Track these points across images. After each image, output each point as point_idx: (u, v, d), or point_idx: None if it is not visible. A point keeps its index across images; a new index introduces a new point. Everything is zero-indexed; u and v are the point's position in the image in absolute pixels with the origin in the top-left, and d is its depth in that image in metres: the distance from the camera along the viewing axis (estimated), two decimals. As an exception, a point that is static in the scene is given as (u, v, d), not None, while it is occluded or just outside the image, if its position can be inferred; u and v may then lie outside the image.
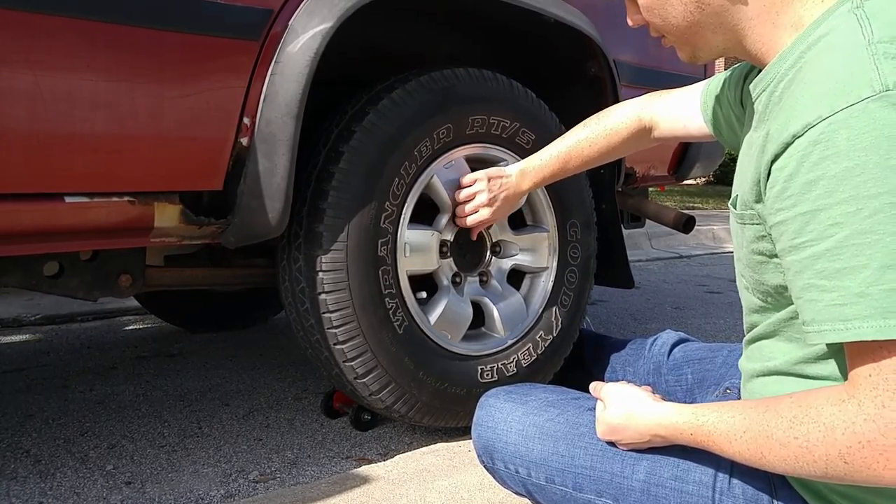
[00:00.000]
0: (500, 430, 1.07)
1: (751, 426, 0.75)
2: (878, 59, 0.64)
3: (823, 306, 0.66)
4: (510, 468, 1.06)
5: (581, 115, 1.92)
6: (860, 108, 0.62)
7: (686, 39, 0.85)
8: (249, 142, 1.26)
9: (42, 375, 2.10)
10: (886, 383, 0.64)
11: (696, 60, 0.87)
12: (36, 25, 1.02)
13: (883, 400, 0.64)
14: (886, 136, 0.61)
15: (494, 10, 1.61)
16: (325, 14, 1.29)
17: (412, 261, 1.49)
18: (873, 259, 0.62)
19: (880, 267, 0.62)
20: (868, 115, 0.62)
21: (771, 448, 0.72)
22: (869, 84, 0.63)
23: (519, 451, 1.04)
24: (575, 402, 1.07)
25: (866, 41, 0.66)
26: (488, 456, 1.09)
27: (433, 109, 1.48)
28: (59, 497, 1.36)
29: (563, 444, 1.00)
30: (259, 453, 1.57)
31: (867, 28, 0.67)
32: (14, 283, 1.41)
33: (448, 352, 1.54)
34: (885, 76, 0.63)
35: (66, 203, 1.11)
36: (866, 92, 0.63)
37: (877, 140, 0.61)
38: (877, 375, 0.65)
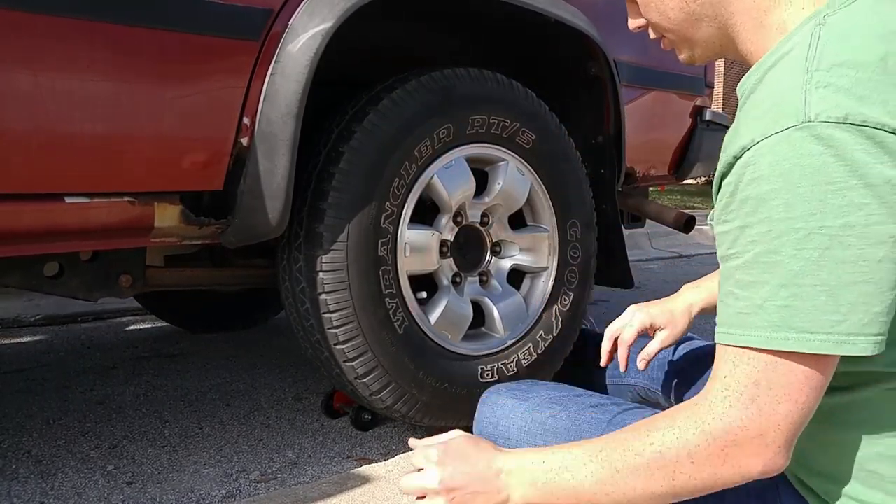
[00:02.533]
0: (501, 427, 1.07)
1: (608, 443, 0.76)
2: (810, 88, 0.67)
3: (732, 312, 0.70)
4: None
5: (581, 115, 1.93)
6: (784, 136, 0.66)
7: (683, 34, 0.85)
8: (250, 142, 1.26)
9: (43, 376, 2.10)
10: (737, 385, 0.68)
11: (695, 60, 0.88)
12: (36, 25, 1.02)
13: (731, 400, 0.68)
14: (800, 165, 0.64)
15: (495, 11, 1.61)
16: (325, 14, 1.29)
17: (412, 261, 1.49)
18: (774, 277, 0.66)
19: (777, 285, 0.66)
20: (788, 144, 0.65)
21: (626, 460, 0.73)
22: (794, 114, 0.66)
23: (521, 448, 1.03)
24: (577, 399, 1.07)
25: (806, 68, 0.68)
26: None
27: (433, 109, 1.48)
28: (60, 497, 1.36)
29: (564, 440, 0.99)
30: (260, 453, 1.57)
31: (813, 51, 0.69)
32: (14, 284, 1.41)
33: (448, 352, 1.54)
34: (810, 106, 0.65)
35: (66, 203, 1.11)
36: (791, 121, 0.66)
37: (792, 168, 0.65)
38: (730, 377, 0.69)
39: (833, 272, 0.64)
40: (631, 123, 1.94)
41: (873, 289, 0.64)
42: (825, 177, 0.63)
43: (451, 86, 1.51)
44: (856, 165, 0.63)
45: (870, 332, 0.64)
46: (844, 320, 0.64)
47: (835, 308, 0.64)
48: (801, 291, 0.65)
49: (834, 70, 0.67)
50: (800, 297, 0.65)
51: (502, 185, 1.60)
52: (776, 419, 0.68)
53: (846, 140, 0.63)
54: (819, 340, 0.65)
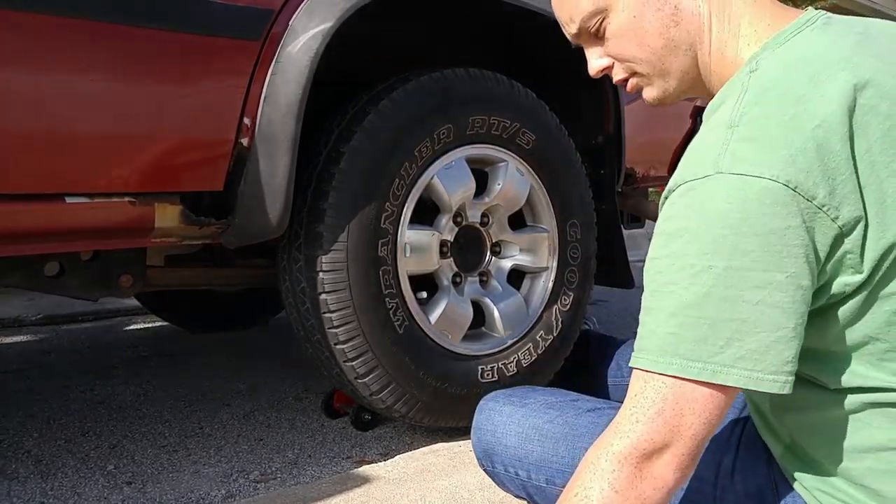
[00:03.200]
0: (499, 433, 1.07)
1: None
2: (728, 142, 0.71)
3: (638, 336, 0.75)
4: (510, 471, 1.06)
5: (582, 115, 1.93)
6: (698, 182, 0.71)
7: (660, 66, 0.85)
8: (250, 142, 1.26)
9: (43, 376, 2.10)
10: (645, 402, 0.71)
11: (666, 97, 0.88)
12: (36, 26, 1.02)
13: (638, 415, 0.71)
14: (704, 210, 0.70)
15: (495, 11, 1.61)
16: (325, 14, 1.29)
17: (412, 261, 1.49)
18: (667, 306, 0.71)
19: (669, 313, 0.71)
20: (700, 190, 0.71)
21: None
22: (711, 164, 0.71)
23: (518, 454, 1.04)
24: (573, 404, 1.07)
25: (729, 123, 0.73)
26: (488, 459, 1.09)
27: (433, 110, 1.48)
28: (60, 497, 1.36)
29: (562, 445, 1.00)
30: (260, 453, 1.57)
31: (738, 106, 0.74)
32: (15, 284, 1.41)
33: (448, 352, 1.54)
34: (723, 158, 0.71)
35: (66, 203, 1.11)
36: (708, 170, 0.71)
37: (698, 211, 0.70)
38: (640, 395, 0.72)
39: (715, 308, 0.68)
40: (631, 124, 1.94)
41: (748, 328, 0.68)
42: (721, 222, 0.69)
43: (451, 86, 1.51)
44: (747, 215, 0.68)
45: (744, 367, 0.68)
46: (721, 352, 0.68)
47: (714, 340, 0.68)
48: (686, 321, 0.70)
49: (749, 125, 0.72)
50: (685, 326, 0.70)
51: (502, 185, 1.60)
52: (681, 430, 0.70)
53: (746, 191, 0.68)
54: (697, 368, 0.69)
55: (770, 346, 0.68)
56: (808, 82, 0.71)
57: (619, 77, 0.89)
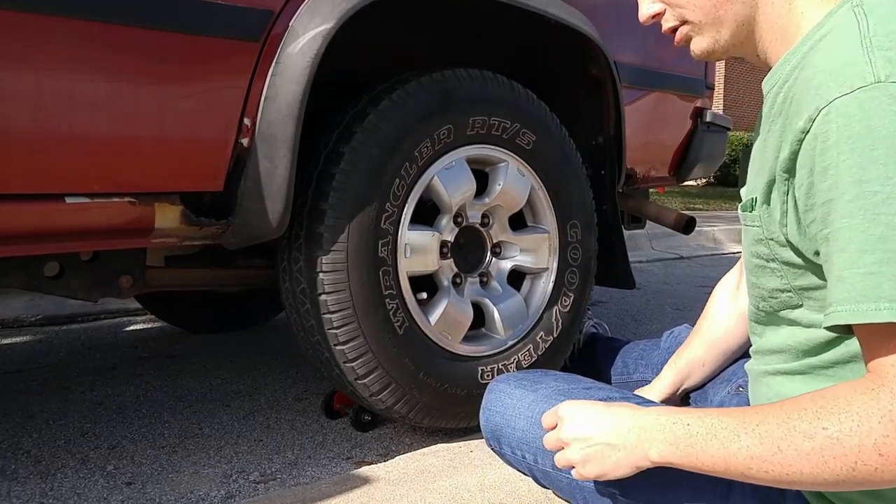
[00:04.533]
0: (508, 416, 1.07)
1: (766, 418, 0.70)
2: (873, 52, 0.65)
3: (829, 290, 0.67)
4: (517, 453, 1.06)
5: (582, 116, 1.93)
6: (851, 97, 0.64)
7: (715, 14, 0.82)
8: (250, 143, 1.26)
9: (42, 376, 2.10)
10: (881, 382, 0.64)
11: (716, 49, 0.84)
12: (36, 26, 1.02)
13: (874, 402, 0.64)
14: (872, 127, 0.63)
15: (496, 12, 1.61)
16: (325, 15, 1.29)
17: (413, 262, 1.49)
18: (855, 243, 0.64)
19: (858, 251, 0.63)
20: (858, 106, 0.64)
21: (792, 440, 0.67)
22: (861, 76, 0.64)
23: (527, 438, 1.03)
24: (585, 392, 1.05)
25: (861, 35, 0.67)
26: (495, 440, 1.09)
27: (433, 110, 1.48)
28: (59, 498, 1.36)
29: None
30: (260, 454, 1.56)
31: (864, 23, 0.68)
32: (15, 284, 1.41)
33: (449, 353, 1.54)
34: (878, 68, 0.64)
35: (66, 204, 1.11)
36: (858, 82, 0.64)
37: (864, 130, 0.63)
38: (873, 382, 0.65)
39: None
40: (631, 124, 1.94)
41: None
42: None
43: (451, 87, 1.51)
44: None
45: None
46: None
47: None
48: (886, 257, 0.62)
49: (892, 37, 0.65)
50: (885, 262, 0.62)
51: (503, 186, 1.60)
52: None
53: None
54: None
55: None
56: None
57: (669, 25, 0.86)
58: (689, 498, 0.88)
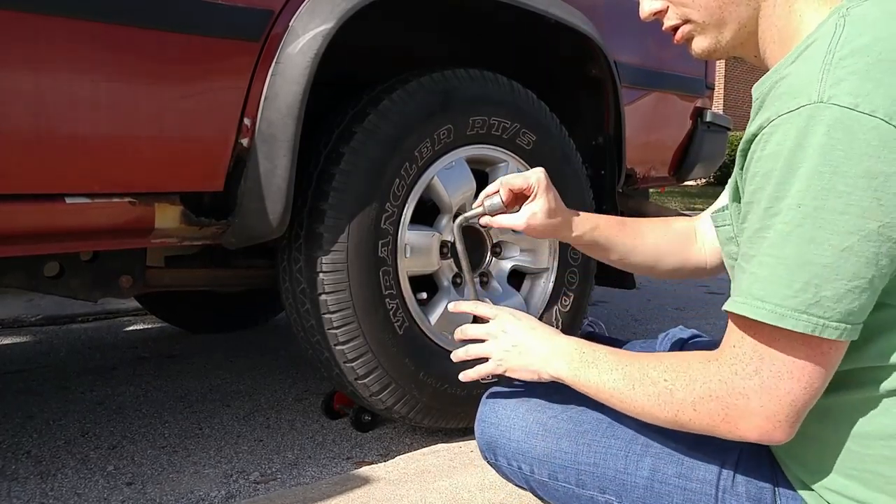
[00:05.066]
0: (503, 427, 1.07)
1: (634, 362, 0.86)
2: (828, 71, 0.67)
3: (736, 283, 0.75)
4: (513, 465, 1.06)
5: (582, 116, 1.93)
6: (794, 114, 0.67)
7: (718, 14, 0.83)
8: (250, 143, 1.26)
9: (43, 376, 2.10)
10: (744, 356, 0.74)
11: (717, 48, 0.85)
12: (37, 26, 1.02)
13: (736, 369, 0.75)
14: (801, 144, 0.66)
15: (496, 12, 1.61)
16: (325, 15, 1.29)
17: (413, 262, 1.49)
18: (756, 248, 0.71)
19: (751, 255, 0.71)
20: (796, 122, 0.66)
21: (643, 382, 0.83)
22: (808, 94, 0.66)
23: (522, 448, 1.04)
24: (578, 399, 1.06)
25: (827, 52, 0.69)
26: (491, 452, 1.09)
27: (433, 110, 1.48)
28: (59, 498, 1.36)
29: (566, 441, 1.00)
30: (260, 454, 1.57)
31: (836, 38, 0.70)
32: (15, 284, 1.41)
33: (448, 352, 1.53)
34: (825, 88, 0.66)
35: (66, 204, 1.11)
36: (804, 101, 0.67)
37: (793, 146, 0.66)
38: (738, 347, 0.75)
39: (796, 249, 0.66)
40: (631, 124, 1.94)
41: (829, 274, 0.66)
42: (820, 157, 0.65)
43: (451, 87, 1.51)
44: (851, 153, 0.64)
45: (814, 313, 0.67)
46: (794, 297, 0.67)
47: (788, 283, 0.67)
48: (765, 261, 0.69)
49: (853, 55, 0.67)
50: (764, 266, 0.69)
51: (503, 186, 1.60)
52: (778, 395, 0.72)
53: (852, 127, 0.64)
54: (766, 310, 0.69)
55: (843, 295, 0.66)
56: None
57: (671, 23, 0.87)
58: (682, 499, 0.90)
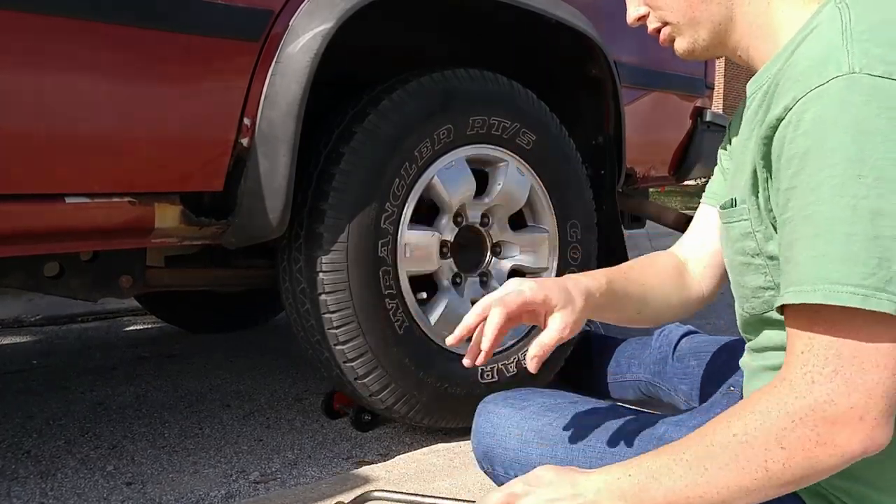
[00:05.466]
0: (498, 436, 1.07)
1: (691, 443, 0.73)
2: (851, 44, 0.65)
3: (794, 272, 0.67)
4: (510, 473, 1.06)
5: (582, 115, 1.93)
6: (826, 87, 0.65)
7: (691, 14, 0.83)
8: (250, 143, 1.26)
9: (42, 376, 2.10)
10: (817, 359, 0.65)
11: (695, 48, 0.86)
12: (37, 26, 1.02)
13: (812, 377, 0.65)
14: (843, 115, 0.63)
15: (496, 12, 1.61)
16: (325, 15, 1.29)
17: (413, 261, 1.49)
18: (810, 227, 0.64)
19: (812, 234, 0.64)
20: (831, 95, 0.64)
21: (713, 457, 0.69)
22: (837, 66, 0.65)
23: (518, 457, 1.04)
24: (573, 406, 1.07)
25: (843, 27, 0.67)
26: (488, 462, 1.09)
27: (433, 110, 1.48)
28: (59, 498, 1.36)
29: (560, 448, 1.00)
30: (260, 454, 1.57)
31: (846, 15, 0.69)
32: (15, 284, 1.41)
33: (448, 352, 1.54)
34: (854, 59, 0.65)
35: (66, 203, 1.11)
36: (834, 73, 0.65)
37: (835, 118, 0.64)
38: (808, 352, 0.66)
39: (868, 223, 0.62)
40: (631, 124, 1.94)
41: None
42: (867, 126, 0.62)
43: (451, 87, 1.51)
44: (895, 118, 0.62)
45: (893, 291, 0.61)
46: (874, 274, 0.61)
47: (865, 259, 0.62)
48: (834, 239, 0.63)
49: (872, 29, 0.67)
50: (833, 244, 0.63)
51: (502, 185, 1.60)
52: (867, 388, 0.63)
53: (891, 92, 0.63)
54: (848, 293, 0.62)
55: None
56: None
57: (653, 27, 0.88)
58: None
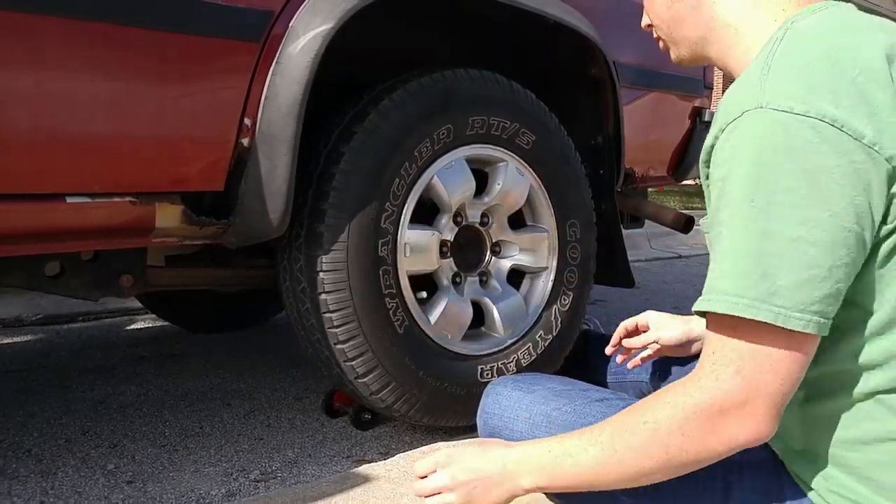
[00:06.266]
0: (507, 418, 1.07)
1: (606, 427, 0.80)
2: (765, 79, 0.72)
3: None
4: None
5: (581, 115, 1.93)
6: (740, 120, 0.72)
7: (669, 33, 0.93)
8: (251, 142, 1.27)
9: (43, 375, 2.10)
10: (724, 359, 0.73)
11: (681, 60, 0.94)
12: (38, 26, 1.03)
13: (717, 374, 0.73)
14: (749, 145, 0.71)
15: (495, 12, 1.61)
16: (325, 15, 1.29)
17: (412, 261, 1.49)
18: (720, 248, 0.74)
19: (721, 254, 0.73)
20: (742, 127, 0.71)
21: (623, 439, 0.77)
22: (751, 100, 0.71)
23: (526, 439, 1.04)
24: (583, 394, 1.06)
25: (765, 63, 0.74)
26: None
27: (433, 110, 1.48)
28: (60, 496, 1.37)
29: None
30: (260, 453, 1.57)
31: (775, 48, 0.75)
32: (15, 283, 1.41)
33: (448, 351, 1.54)
34: (764, 94, 0.71)
35: (67, 203, 1.12)
36: (747, 107, 0.71)
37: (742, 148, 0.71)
38: (718, 353, 0.73)
39: (753, 242, 0.70)
40: (630, 124, 1.95)
41: (784, 263, 0.69)
42: (766, 158, 0.69)
43: (451, 87, 1.52)
44: (793, 151, 0.68)
45: (775, 303, 0.69)
46: (754, 287, 0.69)
47: (747, 274, 0.70)
48: (726, 256, 0.72)
49: (789, 65, 0.72)
50: (726, 260, 0.72)
51: (502, 185, 1.61)
52: (759, 388, 0.71)
53: (791, 128, 0.69)
54: (731, 302, 0.71)
55: (801, 284, 0.68)
56: (849, 35, 0.73)
57: (655, 36, 0.96)
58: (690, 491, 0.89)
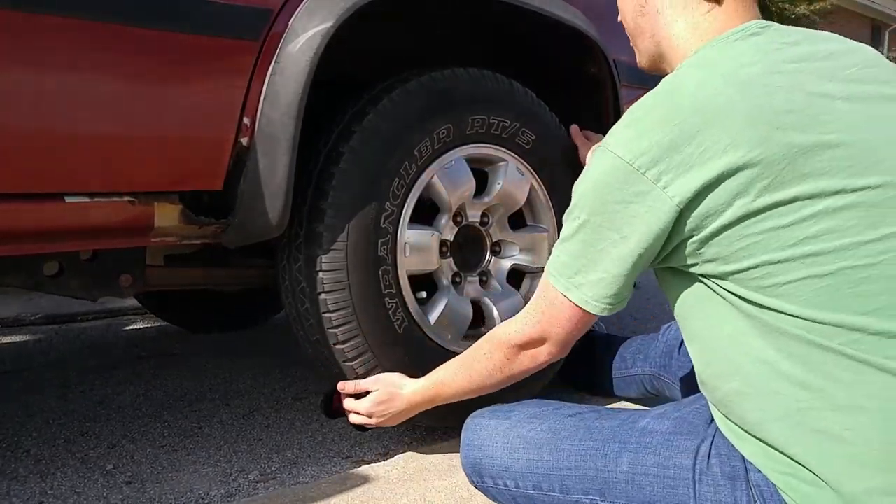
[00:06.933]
0: (485, 447, 1.10)
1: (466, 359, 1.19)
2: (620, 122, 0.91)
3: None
4: (499, 483, 1.09)
5: (581, 115, 1.93)
6: (596, 153, 0.94)
7: (632, 41, 1.09)
8: (250, 142, 1.27)
9: (42, 375, 2.10)
10: (537, 308, 1.03)
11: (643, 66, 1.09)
12: (37, 26, 1.02)
13: (530, 317, 1.05)
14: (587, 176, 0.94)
15: (495, 11, 1.61)
16: (325, 14, 1.29)
17: (412, 261, 1.49)
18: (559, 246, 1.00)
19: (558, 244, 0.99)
20: (591, 160, 0.95)
21: (472, 367, 1.16)
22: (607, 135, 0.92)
23: (505, 464, 1.07)
24: (556, 412, 1.12)
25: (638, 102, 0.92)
26: (477, 475, 1.12)
27: (433, 109, 1.48)
28: (59, 496, 1.36)
29: (546, 449, 1.04)
30: (259, 453, 1.57)
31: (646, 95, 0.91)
32: (14, 283, 1.41)
33: (448, 352, 1.53)
34: (610, 135, 0.91)
35: (66, 203, 1.11)
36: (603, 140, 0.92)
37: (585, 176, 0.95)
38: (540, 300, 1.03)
39: (577, 246, 0.95)
40: (631, 124, 1.94)
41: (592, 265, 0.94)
42: (592, 186, 0.92)
43: (451, 86, 1.51)
44: (606, 184, 0.89)
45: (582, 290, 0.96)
46: (575, 274, 0.96)
47: (571, 265, 0.96)
48: (560, 250, 0.98)
49: (639, 107, 0.89)
50: (561, 252, 0.98)
51: (502, 185, 1.60)
52: (551, 334, 1.04)
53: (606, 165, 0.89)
54: (560, 283, 0.98)
55: (599, 281, 0.94)
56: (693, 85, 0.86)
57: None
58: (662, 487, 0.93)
